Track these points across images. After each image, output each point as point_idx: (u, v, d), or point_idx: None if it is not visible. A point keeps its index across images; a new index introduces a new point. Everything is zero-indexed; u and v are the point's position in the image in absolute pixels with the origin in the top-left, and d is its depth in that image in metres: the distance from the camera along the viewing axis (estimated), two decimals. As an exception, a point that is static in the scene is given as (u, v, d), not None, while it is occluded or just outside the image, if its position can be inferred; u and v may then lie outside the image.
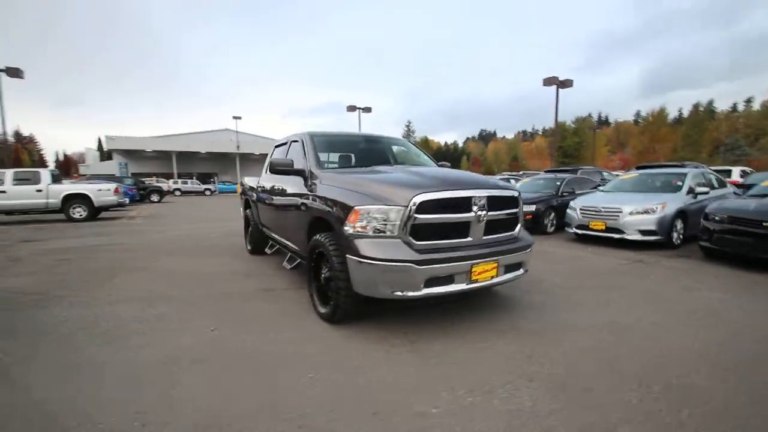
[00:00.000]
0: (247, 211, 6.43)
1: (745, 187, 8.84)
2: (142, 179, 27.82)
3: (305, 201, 3.75)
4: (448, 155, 73.12)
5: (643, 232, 6.57)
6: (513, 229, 3.41)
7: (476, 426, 1.96)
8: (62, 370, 2.56)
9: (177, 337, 3.07)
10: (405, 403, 2.17)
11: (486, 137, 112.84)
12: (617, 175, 10.88)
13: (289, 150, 4.80)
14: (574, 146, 64.47)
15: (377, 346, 2.89)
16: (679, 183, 7.24)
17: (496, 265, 3.11)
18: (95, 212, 12.15)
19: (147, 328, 3.28)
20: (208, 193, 35.61)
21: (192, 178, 37.31)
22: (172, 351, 2.83)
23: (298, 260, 4.32)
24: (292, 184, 4.19)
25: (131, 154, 40.80)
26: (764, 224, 4.87)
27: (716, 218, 5.51)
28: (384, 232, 2.85)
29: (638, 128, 79.21)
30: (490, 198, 3.13)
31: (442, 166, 4.55)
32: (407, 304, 3.59)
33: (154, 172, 40.25)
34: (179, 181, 35.41)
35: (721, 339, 3.01)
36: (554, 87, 19.89)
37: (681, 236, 6.81)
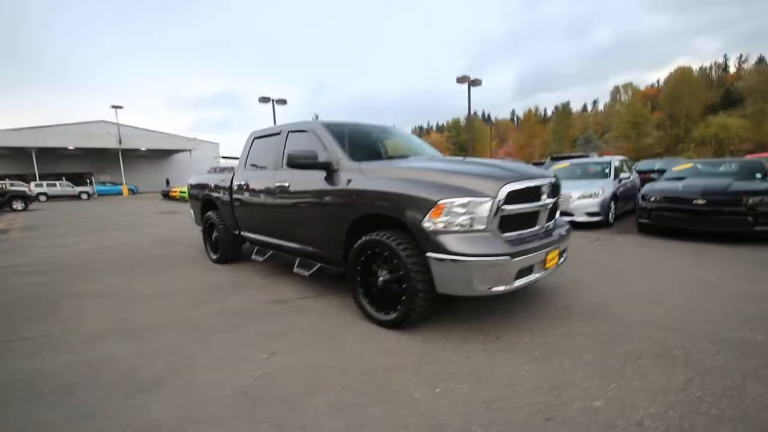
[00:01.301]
0: (211, 214, 5.50)
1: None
2: (-7, 183, 21.94)
3: (341, 197, 3.32)
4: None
5: (589, 214, 7.48)
6: (555, 216, 3.52)
7: (651, 409, 1.96)
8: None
9: (234, 371, 2.46)
10: (561, 401, 2.06)
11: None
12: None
13: (287, 141, 4.22)
14: (466, 141, 71.13)
15: (468, 347, 2.71)
16: (607, 170, 8.41)
17: (558, 251, 3.18)
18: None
19: (172, 364, 2.56)
20: (84, 196, 29.77)
21: (61, 179, 30.64)
22: (253, 388, 2.25)
23: (318, 265, 3.83)
24: (311, 180, 3.68)
25: (-32, 153, 31.89)
26: (694, 202, 5.93)
27: (652, 198, 6.53)
28: (471, 226, 2.66)
29: (515, 125, 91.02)
30: (551, 186, 3.17)
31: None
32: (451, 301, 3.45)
33: (7, 174, 32.14)
34: (44, 183, 28.82)
35: (729, 299, 3.56)
36: (464, 84, 21.43)
37: (614, 215, 7.93)
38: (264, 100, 23.39)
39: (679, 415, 1.94)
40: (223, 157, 47.80)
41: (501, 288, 2.68)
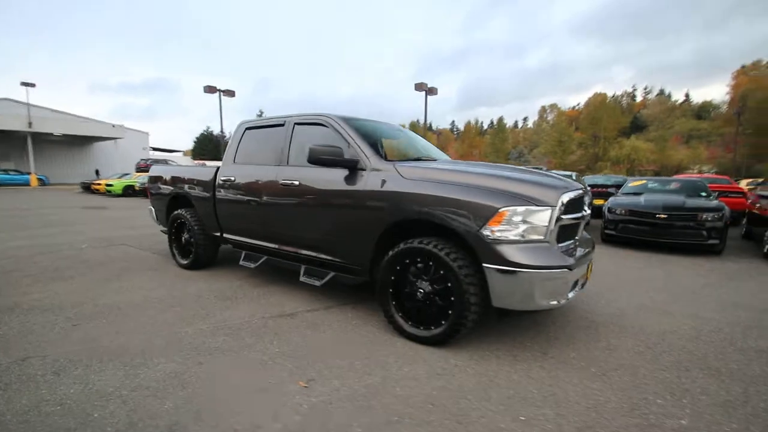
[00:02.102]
0: (182, 212, 4.78)
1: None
2: None
3: (373, 200, 2.99)
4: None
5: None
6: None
7: (733, 425, 1.94)
8: None
9: (272, 407, 2.02)
10: (650, 422, 1.96)
11: None
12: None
13: (293, 135, 3.77)
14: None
15: (523, 365, 2.54)
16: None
17: (591, 264, 3.16)
18: None
19: (185, 402, 2.05)
20: (-22, 185, 25.19)
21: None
22: (308, 428, 1.85)
23: (332, 274, 3.43)
24: (328, 179, 3.30)
25: None
26: (657, 216, 6.46)
27: (617, 212, 7.01)
28: (532, 235, 2.51)
29: (454, 136, 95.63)
30: (589, 196, 3.16)
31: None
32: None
33: None
34: None
35: (721, 308, 3.82)
36: (417, 91, 21.83)
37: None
38: (210, 89, 21.62)
39: (761, 430, 1.94)
40: (154, 149, 43.68)
41: (556, 302, 2.57)
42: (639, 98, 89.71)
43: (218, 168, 4.42)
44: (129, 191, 19.08)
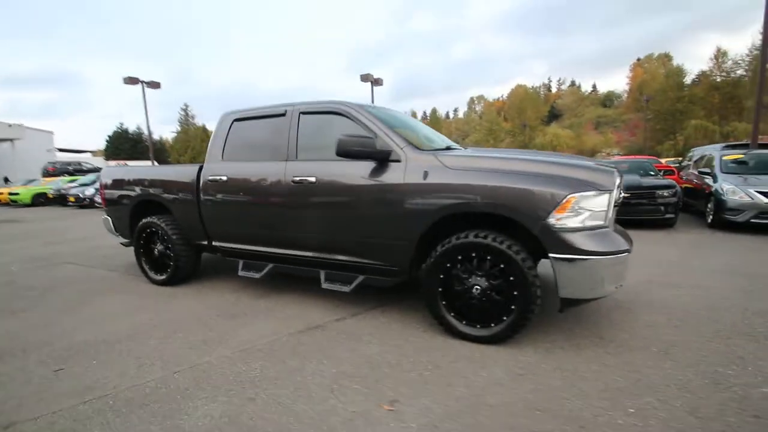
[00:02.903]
0: (153, 220, 4.08)
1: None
2: None
3: (416, 194, 2.73)
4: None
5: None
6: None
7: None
8: None
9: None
10: (745, 392, 2.00)
11: None
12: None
13: (299, 126, 3.35)
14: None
15: (590, 353, 2.49)
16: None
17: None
18: None
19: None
20: None
21: None
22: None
23: (361, 278, 3.12)
24: (354, 173, 2.97)
25: None
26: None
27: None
28: (596, 221, 2.45)
29: None
30: None
31: None
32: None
33: None
34: None
35: (719, 276, 4.17)
36: (368, 83, 21.54)
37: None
38: (131, 81, 19.19)
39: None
40: (61, 150, 38.24)
41: (618, 286, 2.55)
42: (554, 89, 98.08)
43: (201, 166, 3.82)
44: (40, 200, 16.41)
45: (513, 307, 2.52)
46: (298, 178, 3.19)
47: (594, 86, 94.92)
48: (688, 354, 2.46)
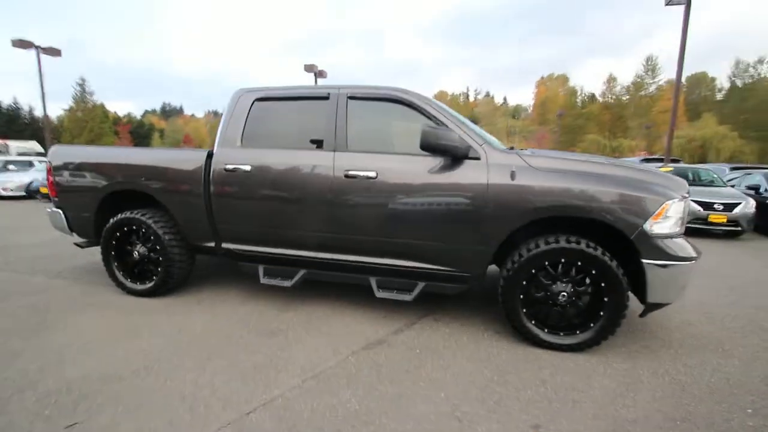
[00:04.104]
0: (135, 216, 3.27)
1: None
2: None
3: (503, 195, 2.54)
4: (138, 132, 59.50)
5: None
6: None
7: None
8: None
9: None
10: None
11: (170, 112, 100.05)
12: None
13: (348, 112, 2.93)
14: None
15: (672, 354, 2.56)
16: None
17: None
18: None
19: None
20: None
21: None
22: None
23: (422, 285, 2.84)
24: (426, 170, 2.68)
25: None
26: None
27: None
28: (676, 227, 2.52)
29: None
30: None
31: None
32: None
33: None
34: None
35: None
36: (312, 74, 20.66)
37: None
38: (23, 45, 15.51)
39: None
40: None
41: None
42: (471, 98, 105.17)
43: (210, 152, 3.15)
44: None
45: (602, 313, 2.49)
46: (352, 172, 2.78)
47: (505, 98, 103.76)
48: (740, 350, 2.67)
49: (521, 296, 2.59)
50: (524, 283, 2.57)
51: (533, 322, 2.61)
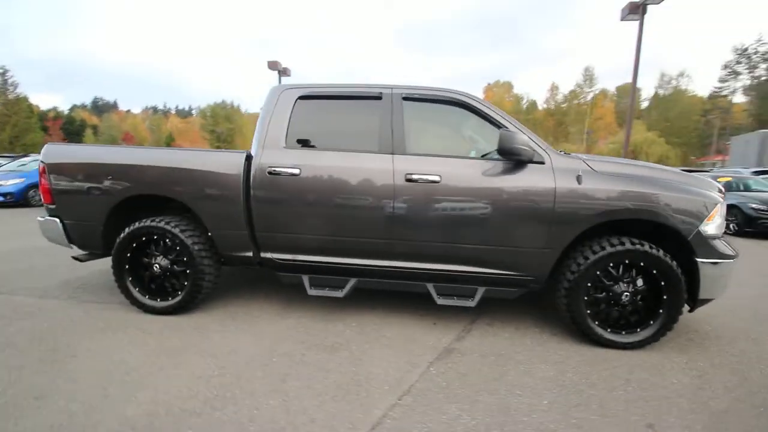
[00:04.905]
0: (156, 224, 2.92)
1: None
2: None
3: (571, 200, 2.58)
4: (68, 129, 53.75)
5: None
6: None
7: None
8: None
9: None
10: None
11: (102, 108, 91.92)
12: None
13: (404, 114, 2.83)
14: (228, 132, 66.36)
15: (736, 349, 2.75)
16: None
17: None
18: None
19: None
20: None
21: None
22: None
23: (483, 290, 2.80)
24: (489, 174, 2.66)
25: None
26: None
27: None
28: (720, 228, 2.70)
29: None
30: None
31: None
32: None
33: None
34: None
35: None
36: (275, 72, 19.95)
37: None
38: None
39: None
40: None
41: (722, 287, 2.88)
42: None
43: (248, 154, 2.90)
44: None
45: (661, 311, 2.61)
46: (415, 176, 2.69)
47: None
48: (765, 336, 2.94)
49: (585, 298, 2.65)
50: (588, 285, 2.64)
51: (596, 322, 2.68)
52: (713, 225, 2.59)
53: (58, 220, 3.10)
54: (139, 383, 2.11)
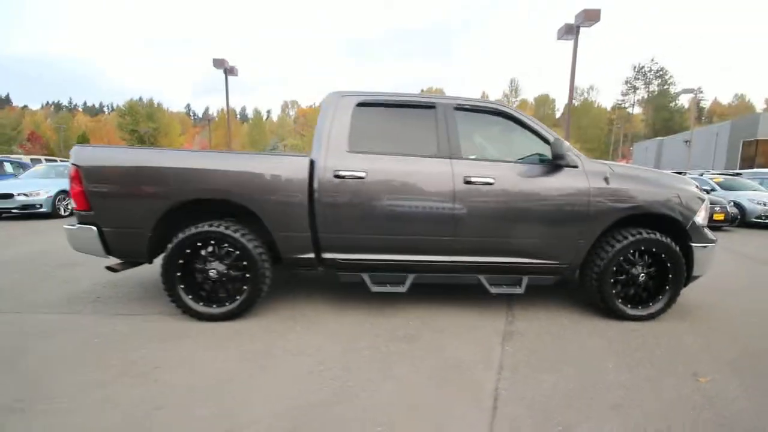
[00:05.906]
0: (212, 229, 2.86)
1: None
2: None
3: (600, 198, 3.05)
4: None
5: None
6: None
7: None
8: None
9: None
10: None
11: None
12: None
13: (458, 122, 3.11)
14: (152, 132, 61.09)
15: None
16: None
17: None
18: None
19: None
20: None
21: None
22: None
23: (527, 278, 3.18)
24: (532, 176, 3.06)
25: None
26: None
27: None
28: (705, 218, 3.38)
29: (192, 121, 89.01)
30: None
31: None
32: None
33: None
34: None
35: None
36: (222, 71, 18.86)
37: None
38: None
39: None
40: None
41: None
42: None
43: (312, 160, 2.97)
44: None
45: (667, 287, 3.20)
46: (473, 178, 2.99)
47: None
48: (722, 323, 3.70)
49: (612, 280, 3.16)
50: (614, 269, 3.14)
51: (619, 301, 3.20)
52: (702, 216, 3.25)
53: (95, 227, 2.87)
54: (250, 386, 2.13)
